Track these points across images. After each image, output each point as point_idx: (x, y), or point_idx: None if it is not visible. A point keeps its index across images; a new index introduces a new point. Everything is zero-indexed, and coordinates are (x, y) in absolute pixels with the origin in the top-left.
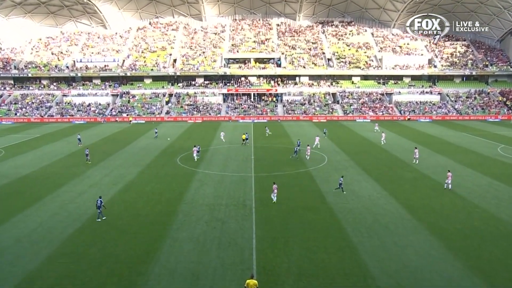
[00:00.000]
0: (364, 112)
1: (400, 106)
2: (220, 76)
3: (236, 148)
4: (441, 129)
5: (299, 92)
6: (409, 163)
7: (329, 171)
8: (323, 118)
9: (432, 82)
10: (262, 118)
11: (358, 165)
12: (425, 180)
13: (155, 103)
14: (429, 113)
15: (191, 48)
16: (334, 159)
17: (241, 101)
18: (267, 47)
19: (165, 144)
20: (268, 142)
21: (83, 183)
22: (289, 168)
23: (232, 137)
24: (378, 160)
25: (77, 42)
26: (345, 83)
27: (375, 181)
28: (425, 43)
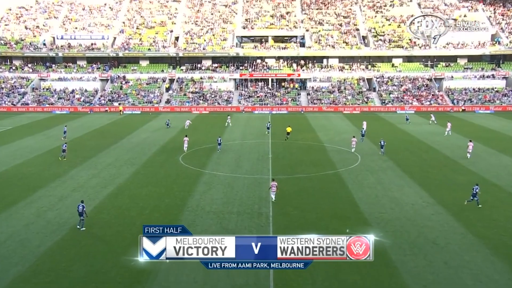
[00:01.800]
0: (406, 102)
1: (453, 94)
2: (231, 58)
3: (250, 144)
4: (506, 123)
5: (327, 78)
6: (462, 163)
7: (362, 173)
8: (356, 109)
9: (495, 64)
10: (281, 109)
11: (399, 166)
12: (485, 186)
13: (153, 90)
14: (490, 102)
15: (196, 24)
16: (369, 159)
17: (256, 88)
18: (288, 22)
19: (165, 139)
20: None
21: (65, 186)
22: (314, 169)
23: (245, 131)
24: (424, 161)
25: (57, 15)
26: (383, 66)
27: (419, 186)
28: (489, 13)
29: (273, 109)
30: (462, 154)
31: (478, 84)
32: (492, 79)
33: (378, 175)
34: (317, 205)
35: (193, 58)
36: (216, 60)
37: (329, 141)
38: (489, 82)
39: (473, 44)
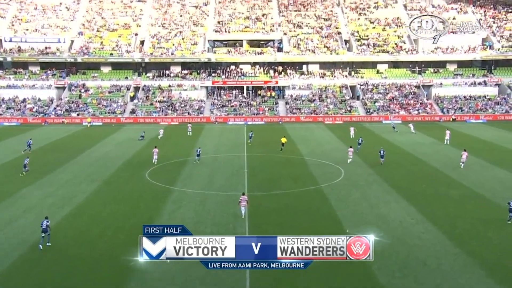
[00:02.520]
0: (393, 111)
1: (442, 103)
2: (202, 64)
3: (224, 158)
4: (500, 133)
5: (307, 85)
6: (454, 177)
7: (346, 188)
8: (338, 119)
9: (487, 70)
10: (258, 120)
11: (385, 180)
12: (478, 200)
13: (116, 99)
14: (482, 111)
15: (163, 27)
16: (353, 172)
17: (230, 97)
18: (264, 25)
19: (130, 153)
20: (266, 150)
21: (15, 207)
22: (294, 185)
23: (218, 144)
24: (412, 174)
25: (3, 14)
26: (368, 72)
27: (408, 202)
28: (479, 16)
29: (249, 120)
30: (453, 167)
31: (469, 91)
32: (483, 86)
33: (363, 190)
34: (297, 224)
35: (161, 64)
36: (186, 66)
37: (310, 154)
38: (480, 89)
39: (463, 49)
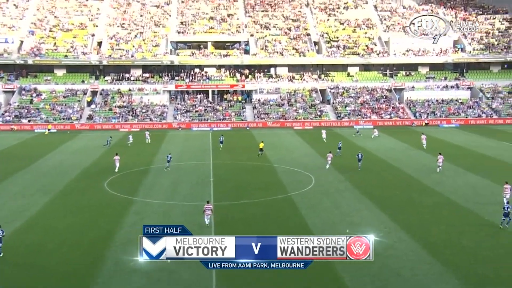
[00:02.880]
0: (364, 116)
1: (415, 107)
2: (165, 67)
3: (188, 167)
4: (473, 138)
5: (275, 89)
6: (427, 183)
7: (317, 196)
8: (307, 124)
9: (459, 73)
10: (224, 125)
11: (357, 187)
12: (452, 207)
13: (71, 105)
14: (455, 115)
15: (123, 27)
16: (323, 180)
17: (195, 102)
18: (230, 26)
19: (88, 161)
20: (233, 158)
21: None
22: (262, 193)
23: (182, 151)
24: (385, 181)
25: None
26: (338, 75)
27: (381, 210)
28: (450, 18)
29: (214, 125)
30: (427, 173)
31: (441, 95)
32: (456, 89)
33: (335, 198)
34: (266, 234)
35: (120, 67)
36: (147, 69)
37: (279, 161)
38: (453, 92)
39: (435, 51)
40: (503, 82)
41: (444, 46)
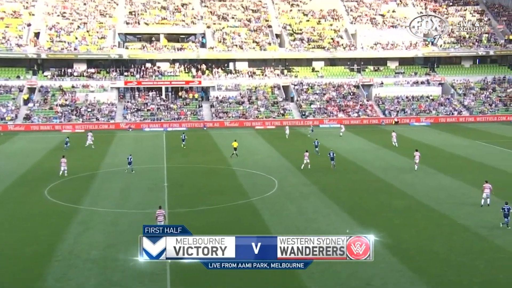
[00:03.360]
0: (330, 114)
1: (384, 104)
2: (112, 61)
3: (140, 171)
4: (444, 136)
5: (235, 86)
6: (398, 186)
7: (281, 201)
8: (267, 123)
9: (430, 68)
10: (178, 125)
11: (324, 191)
12: (423, 211)
13: (5, 103)
14: (426, 112)
15: (63, 17)
16: (287, 183)
17: (146, 100)
18: (184, 17)
19: (26, 166)
20: (189, 161)
21: None
22: (222, 199)
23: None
24: (353, 183)
25: None
26: (302, 70)
27: (348, 215)
28: (419, 9)
29: (167, 126)
30: (397, 174)
31: (411, 91)
32: (426, 85)
33: (300, 203)
34: None
35: (62, 61)
36: (92, 64)
37: (239, 163)
38: (423, 89)
39: (404, 45)
40: (475, 78)
41: (414, 39)
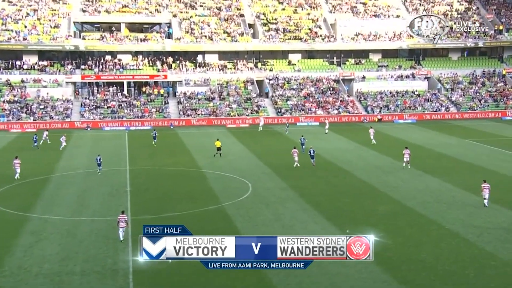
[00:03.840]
0: (309, 111)
1: (366, 100)
2: (68, 53)
3: (100, 175)
4: (431, 134)
5: (204, 80)
6: (382, 189)
7: (255, 206)
8: (242, 122)
9: (415, 61)
10: (142, 124)
11: (302, 195)
12: (409, 216)
13: None
14: (411, 109)
15: (10, 2)
16: (262, 187)
17: (106, 96)
18: (148, 4)
19: None
20: (154, 163)
21: None
22: (191, 205)
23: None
24: (334, 186)
25: None
26: (278, 64)
27: (329, 221)
28: None
29: (131, 124)
30: (380, 177)
31: (395, 86)
32: (411, 79)
33: (276, 209)
34: None
35: (9, 53)
36: (44, 56)
37: (209, 165)
38: (408, 83)
39: (388, 36)
40: (463, 71)
41: (398, 29)
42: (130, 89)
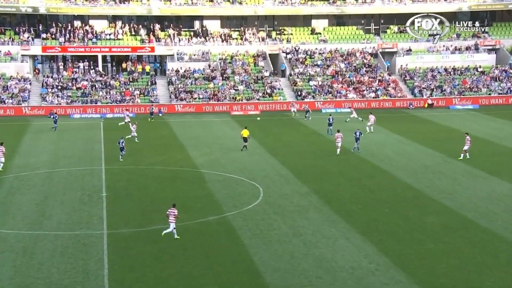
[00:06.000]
0: (337, 94)
1: (413, 79)
2: (24, 18)
3: (67, 175)
4: (498, 124)
5: (202, 54)
6: (433, 196)
7: (268, 217)
8: (253, 108)
9: (479, 27)
10: (122, 111)
11: (328, 203)
12: (470, 232)
13: None
14: (472, 91)
15: None
16: (277, 192)
17: (75, 74)
18: None
19: None
20: (136, 161)
21: None
22: (185, 215)
23: (57, 152)
24: (369, 191)
25: None
26: (297, 33)
27: (363, 236)
28: None
29: (108, 111)
30: (431, 180)
31: (452, 61)
32: (474, 52)
33: (294, 220)
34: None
35: None
36: None
37: (209, 164)
38: (469, 57)
39: None
40: None
41: None
42: (106, 66)
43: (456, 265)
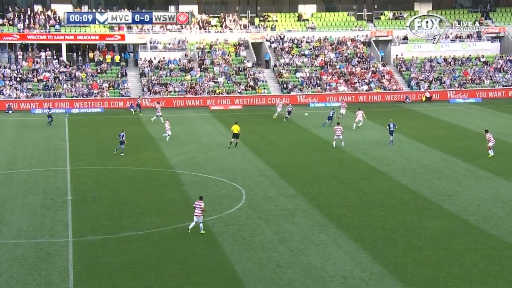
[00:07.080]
0: (326, 87)
1: (409, 70)
2: None
3: (27, 177)
4: (503, 120)
5: (178, 42)
6: (432, 199)
7: (251, 222)
8: (233, 102)
9: (481, 13)
10: (88, 106)
11: (317, 206)
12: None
13: None
14: (474, 83)
15: None
16: (261, 194)
17: (36, 64)
18: None
19: None
20: (106, 161)
21: None
22: (158, 220)
23: (15, 151)
24: (363, 193)
25: None
26: (283, 19)
27: (356, 243)
28: None
29: (72, 106)
30: (430, 180)
31: (452, 50)
32: (476, 40)
33: (280, 226)
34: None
35: None
36: None
37: (185, 163)
38: (471, 46)
39: None
40: None
41: None
42: (71, 55)
43: (457, 274)
